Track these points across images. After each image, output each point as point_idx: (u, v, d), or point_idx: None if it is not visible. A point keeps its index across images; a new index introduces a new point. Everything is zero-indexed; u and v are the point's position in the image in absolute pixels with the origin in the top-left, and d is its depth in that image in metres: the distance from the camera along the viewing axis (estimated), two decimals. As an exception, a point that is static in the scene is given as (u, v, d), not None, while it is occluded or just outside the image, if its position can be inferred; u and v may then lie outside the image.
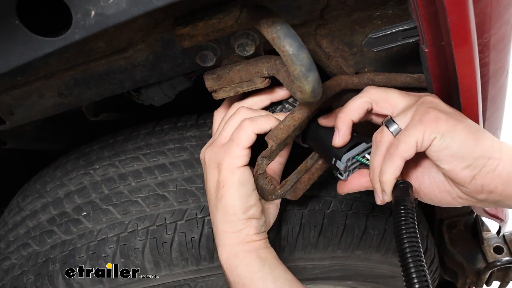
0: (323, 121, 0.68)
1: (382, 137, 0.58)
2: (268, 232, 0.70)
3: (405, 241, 0.52)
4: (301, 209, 0.81)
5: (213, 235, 0.72)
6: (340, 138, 0.62)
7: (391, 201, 0.59)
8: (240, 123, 0.63)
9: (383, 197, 0.59)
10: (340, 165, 0.63)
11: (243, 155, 0.62)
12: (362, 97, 0.62)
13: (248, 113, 0.65)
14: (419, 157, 0.61)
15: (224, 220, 0.64)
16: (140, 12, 0.42)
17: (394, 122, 0.58)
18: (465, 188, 0.55)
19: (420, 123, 0.54)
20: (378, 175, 0.58)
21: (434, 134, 0.53)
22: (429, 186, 0.61)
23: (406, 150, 0.54)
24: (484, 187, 0.53)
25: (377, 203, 0.61)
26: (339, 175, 0.65)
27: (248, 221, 0.64)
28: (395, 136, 0.58)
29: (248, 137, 0.62)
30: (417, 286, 0.48)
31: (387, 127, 0.58)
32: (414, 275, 0.49)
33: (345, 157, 0.63)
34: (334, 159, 0.64)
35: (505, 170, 0.52)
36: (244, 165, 0.63)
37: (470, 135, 0.53)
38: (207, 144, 0.69)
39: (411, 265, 0.50)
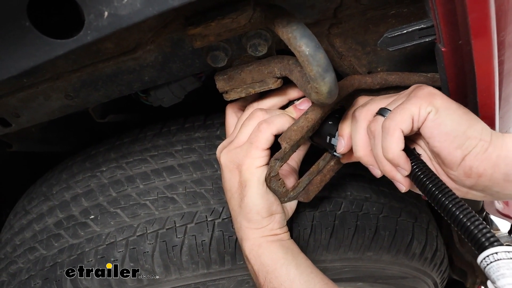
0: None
1: (377, 124, 0.57)
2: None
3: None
4: (312, 211, 0.80)
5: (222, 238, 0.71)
6: (376, 173, 0.61)
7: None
8: (258, 126, 0.63)
9: (401, 172, 0.56)
10: (335, 141, 0.65)
11: (263, 156, 0.63)
12: (362, 127, 0.60)
13: (265, 115, 0.65)
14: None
15: (248, 218, 0.66)
16: (155, 12, 0.41)
17: (388, 109, 0.57)
18: (454, 172, 0.54)
19: (415, 98, 0.54)
20: (384, 156, 0.56)
21: (430, 107, 0.53)
22: None
23: (403, 121, 0.53)
24: (473, 169, 0.52)
25: (402, 190, 0.59)
26: (335, 153, 0.66)
27: (272, 217, 0.66)
28: None
29: (267, 140, 0.63)
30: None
31: (382, 115, 0.57)
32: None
33: (338, 133, 0.65)
34: (328, 137, 0.66)
35: (494, 152, 0.52)
36: (264, 165, 0.64)
37: (464, 115, 0.53)
38: (223, 144, 0.69)
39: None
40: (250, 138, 0.64)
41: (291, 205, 0.72)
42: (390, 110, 0.57)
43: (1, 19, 0.40)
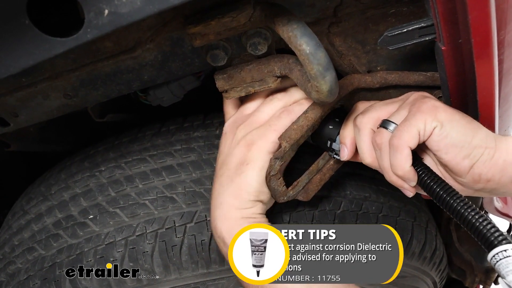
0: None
1: (383, 138, 0.58)
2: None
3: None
4: (311, 210, 0.80)
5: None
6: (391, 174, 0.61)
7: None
8: (279, 113, 0.64)
9: (409, 184, 0.58)
10: (336, 146, 0.66)
11: (277, 143, 0.64)
12: (366, 135, 0.61)
13: (284, 96, 0.66)
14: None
15: (236, 195, 0.64)
16: (156, 10, 0.41)
17: (391, 121, 0.58)
18: (463, 179, 0.55)
19: (420, 113, 0.55)
20: (393, 172, 0.58)
21: (435, 123, 0.53)
22: None
23: (411, 139, 0.54)
24: (482, 176, 0.54)
25: (409, 196, 0.61)
26: (335, 156, 0.67)
27: (256, 202, 0.66)
28: None
29: (285, 127, 0.63)
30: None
31: (386, 128, 0.58)
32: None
33: (339, 137, 0.66)
34: (329, 141, 0.67)
35: (501, 158, 0.53)
36: (273, 152, 0.64)
37: (468, 125, 0.54)
38: (239, 120, 0.69)
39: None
40: (270, 120, 0.64)
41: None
42: (395, 123, 0.58)
43: (1, 17, 0.39)
